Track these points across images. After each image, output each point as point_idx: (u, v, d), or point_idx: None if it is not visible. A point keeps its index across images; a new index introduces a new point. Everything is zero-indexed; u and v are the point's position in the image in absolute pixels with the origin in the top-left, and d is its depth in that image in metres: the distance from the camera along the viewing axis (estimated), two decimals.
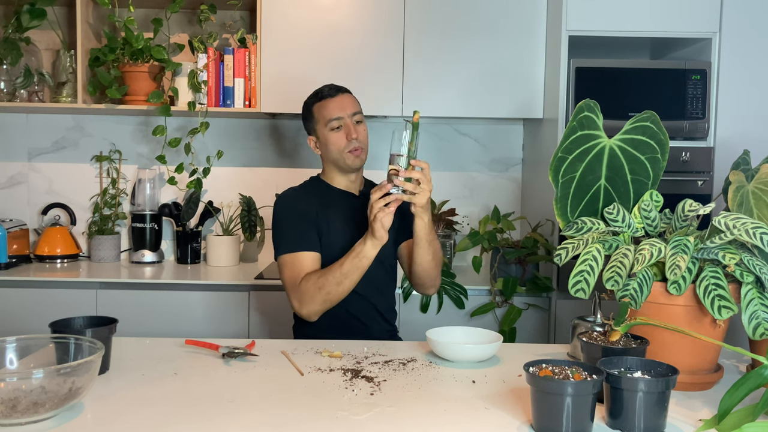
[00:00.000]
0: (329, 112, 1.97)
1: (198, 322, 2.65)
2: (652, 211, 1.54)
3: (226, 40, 3.11)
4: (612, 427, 1.18)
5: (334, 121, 1.96)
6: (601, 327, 1.57)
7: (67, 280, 2.68)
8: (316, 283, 1.83)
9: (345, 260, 1.81)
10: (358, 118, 2.00)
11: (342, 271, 1.80)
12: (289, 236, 1.93)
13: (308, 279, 1.85)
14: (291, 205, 1.99)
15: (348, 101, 1.99)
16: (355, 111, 1.99)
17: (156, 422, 1.20)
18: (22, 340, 1.36)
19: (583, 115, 1.58)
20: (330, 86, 2.02)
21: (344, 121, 1.96)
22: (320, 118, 1.99)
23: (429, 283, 2.00)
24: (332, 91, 2.00)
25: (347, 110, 1.97)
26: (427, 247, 1.89)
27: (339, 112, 1.96)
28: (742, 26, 2.58)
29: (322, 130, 1.99)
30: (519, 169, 3.21)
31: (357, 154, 1.97)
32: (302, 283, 1.86)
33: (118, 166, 3.16)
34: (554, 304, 2.67)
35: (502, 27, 2.81)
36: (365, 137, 2.00)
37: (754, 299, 1.34)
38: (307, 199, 2.01)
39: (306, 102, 2.06)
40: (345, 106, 1.98)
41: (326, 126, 1.97)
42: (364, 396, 1.34)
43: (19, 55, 2.83)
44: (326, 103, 1.98)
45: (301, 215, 1.96)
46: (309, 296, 1.84)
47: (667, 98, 2.59)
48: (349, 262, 1.80)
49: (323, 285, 1.82)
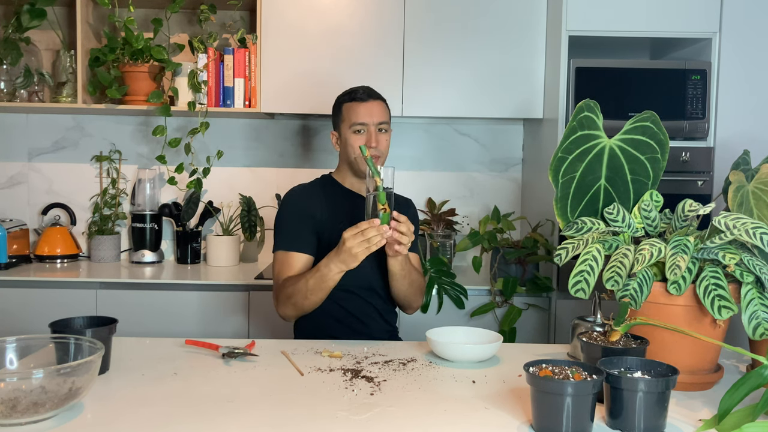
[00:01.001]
0: (356, 116, 1.97)
1: (198, 322, 2.65)
2: (652, 211, 1.54)
3: (226, 40, 3.11)
4: (612, 427, 1.18)
5: (358, 125, 1.96)
6: (601, 327, 1.57)
7: (67, 280, 2.67)
8: (287, 290, 1.85)
9: (310, 277, 1.80)
10: (384, 128, 2.00)
11: (308, 287, 1.80)
12: (288, 234, 1.96)
13: (285, 284, 1.87)
14: (297, 202, 2.00)
15: (377, 109, 1.99)
16: (382, 120, 1.99)
17: (156, 422, 1.20)
18: (22, 340, 1.36)
19: (583, 115, 1.58)
20: (365, 89, 2.02)
21: (368, 128, 1.97)
22: (346, 118, 1.99)
23: (407, 305, 2.02)
24: (364, 95, 2.00)
25: (374, 118, 1.97)
26: (402, 280, 1.90)
27: (366, 118, 1.97)
28: (742, 26, 2.58)
29: (346, 130, 1.99)
30: (519, 169, 3.21)
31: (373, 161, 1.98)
32: (281, 285, 1.89)
33: (118, 166, 3.16)
34: (554, 304, 2.67)
35: (502, 27, 2.81)
36: (386, 147, 2.00)
37: (754, 299, 1.34)
38: (314, 197, 2.01)
39: (339, 97, 2.06)
40: (373, 113, 1.97)
41: (350, 128, 1.97)
42: (364, 396, 1.34)
43: (19, 55, 2.83)
44: (355, 106, 1.98)
45: (304, 215, 1.96)
46: (282, 300, 1.88)
47: (667, 98, 2.59)
48: (313, 281, 1.79)
49: (292, 294, 1.83)
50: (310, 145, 3.18)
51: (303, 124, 3.17)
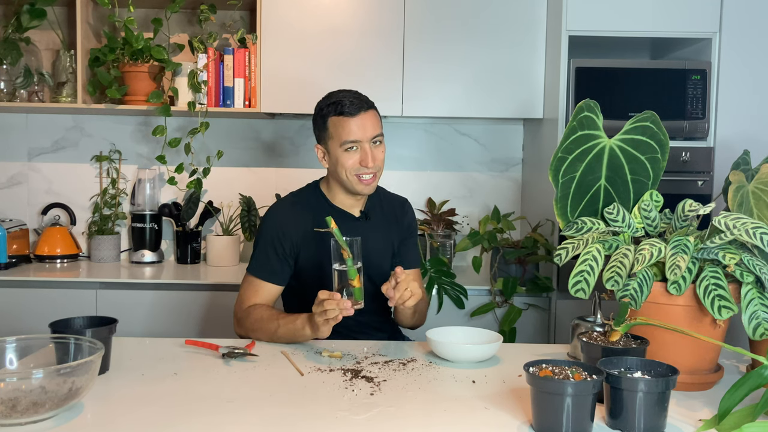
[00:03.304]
0: (346, 133, 1.78)
1: (198, 322, 2.65)
2: (652, 211, 1.54)
3: (226, 40, 3.11)
4: (612, 427, 1.18)
5: (350, 143, 1.78)
6: (601, 327, 1.57)
7: (66, 280, 2.67)
8: (251, 324, 1.77)
9: (282, 327, 1.71)
10: (378, 140, 1.83)
11: (277, 333, 1.72)
12: (262, 260, 1.87)
13: (251, 313, 1.79)
14: (279, 227, 1.87)
15: (370, 122, 1.80)
16: (376, 133, 1.81)
17: (156, 422, 1.20)
18: (22, 340, 1.36)
19: (583, 115, 1.58)
20: (352, 100, 1.80)
21: (362, 146, 1.79)
22: (335, 135, 1.80)
23: (407, 326, 1.97)
24: (353, 108, 1.78)
25: (368, 133, 1.79)
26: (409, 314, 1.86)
27: (359, 134, 1.78)
28: (742, 26, 2.58)
29: (335, 149, 1.81)
30: (519, 169, 3.21)
31: (367, 182, 1.82)
32: (247, 311, 1.82)
33: (118, 166, 3.16)
34: (554, 304, 2.67)
35: (502, 27, 2.81)
36: (382, 160, 1.84)
37: (754, 299, 1.34)
38: (300, 216, 1.88)
39: (321, 108, 1.86)
40: (366, 127, 1.79)
41: (341, 146, 1.79)
42: (364, 396, 1.34)
43: (19, 55, 2.83)
44: (345, 122, 1.78)
45: (283, 243, 1.85)
46: (244, 325, 1.81)
47: (667, 98, 2.59)
48: (284, 331, 1.71)
49: (257, 329, 1.76)
50: (310, 145, 3.18)
51: (303, 124, 3.17)
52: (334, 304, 1.57)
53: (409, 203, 2.10)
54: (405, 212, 2.06)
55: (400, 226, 2.03)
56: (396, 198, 2.08)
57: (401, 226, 2.03)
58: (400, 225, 2.03)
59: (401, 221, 2.03)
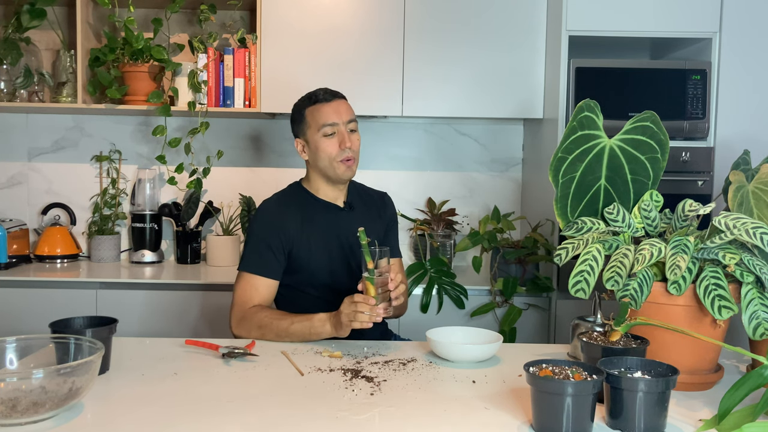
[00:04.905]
0: (324, 117, 1.90)
1: (198, 322, 2.65)
2: (652, 211, 1.54)
3: (226, 40, 3.11)
4: (612, 427, 1.18)
5: (329, 126, 1.89)
6: (601, 327, 1.57)
7: (67, 280, 2.67)
8: (259, 321, 1.77)
9: (297, 323, 1.72)
10: (353, 127, 1.93)
11: (288, 331, 1.72)
12: (255, 256, 1.89)
13: (255, 313, 1.80)
14: (269, 223, 1.92)
15: (344, 107, 1.93)
16: (350, 119, 1.93)
17: (156, 422, 1.20)
18: (22, 340, 1.36)
19: (583, 115, 1.58)
20: (325, 90, 1.95)
21: (339, 128, 1.90)
22: (313, 123, 1.92)
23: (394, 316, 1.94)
24: (327, 95, 1.93)
25: (343, 117, 1.91)
26: None
27: (334, 117, 1.90)
28: (742, 26, 2.58)
29: (314, 136, 1.91)
30: (519, 169, 3.21)
31: (349, 164, 1.91)
32: (249, 312, 1.82)
33: (118, 166, 3.16)
34: (554, 304, 2.67)
35: (502, 27, 2.81)
36: (358, 147, 1.94)
37: (754, 299, 1.34)
38: (287, 213, 1.93)
39: (297, 104, 1.99)
40: (341, 112, 1.91)
41: (319, 131, 1.90)
42: (364, 396, 1.34)
43: (19, 55, 2.83)
44: (321, 108, 1.91)
45: (275, 238, 1.89)
46: (246, 327, 1.80)
47: (667, 98, 2.59)
48: (301, 330, 1.72)
49: (264, 328, 1.76)
50: None
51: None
52: (367, 307, 1.61)
53: (388, 196, 2.15)
54: (386, 204, 2.12)
55: (384, 219, 2.09)
56: (375, 192, 2.13)
57: (384, 219, 2.09)
58: (383, 218, 2.09)
59: (383, 214, 2.09)
